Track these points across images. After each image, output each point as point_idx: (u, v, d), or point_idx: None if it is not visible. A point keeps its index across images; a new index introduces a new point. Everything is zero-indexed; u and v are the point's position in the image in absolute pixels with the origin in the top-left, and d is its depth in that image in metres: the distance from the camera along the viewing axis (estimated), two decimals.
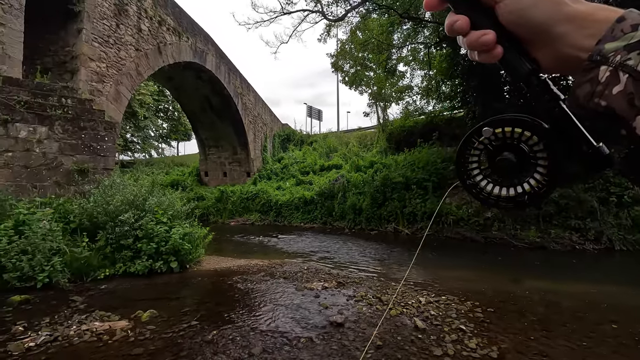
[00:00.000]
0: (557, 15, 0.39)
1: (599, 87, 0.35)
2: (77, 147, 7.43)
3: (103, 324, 3.95)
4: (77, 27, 9.03)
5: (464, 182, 0.52)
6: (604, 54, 0.35)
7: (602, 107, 0.35)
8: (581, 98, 0.37)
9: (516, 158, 0.46)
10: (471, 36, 0.44)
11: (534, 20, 0.40)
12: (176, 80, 16.03)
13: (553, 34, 0.40)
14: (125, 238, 6.17)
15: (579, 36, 0.38)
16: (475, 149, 0.50)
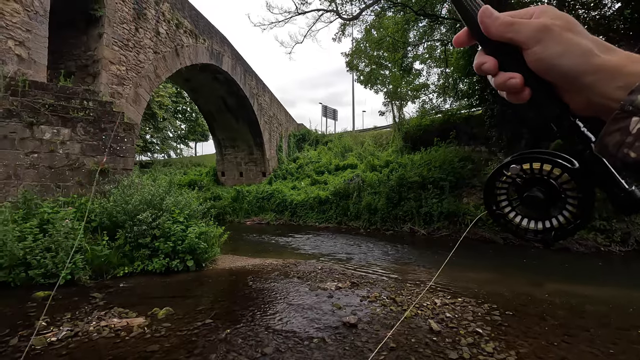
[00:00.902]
0: (586, 66, 0.38)
1: (629, 137, 0.35)
2: (98, 148, 7.65)
3: (121, 321, 4.05)
4: (99, 31, 9.31)
5: (492, 211, 0.52)
6: (636, 105, 0.34)
7: (632, 158, 0.35)
8: (610, 146, 0.37)
9: (545, 194, 0.46)
10: (499, 78, 0.44)
11: (562, 69, 0.40)
12: (193, 81, 16.31)
13: (583, 83, 0.39)
14: (143, 237, 6.32)
15: (609, 87, 0.37)
16: (504, 182, 0.50)
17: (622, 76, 0.37)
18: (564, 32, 0.40)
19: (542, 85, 0.43)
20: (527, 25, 0.41)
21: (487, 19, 0.43)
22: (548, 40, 0.40)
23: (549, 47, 0.40)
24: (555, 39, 0.40)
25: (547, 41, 0.40)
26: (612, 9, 10.96)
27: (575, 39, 0.39)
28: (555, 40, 0.40)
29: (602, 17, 10.97)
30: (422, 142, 16.17)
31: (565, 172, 0.44)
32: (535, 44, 0.41)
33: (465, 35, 0.47)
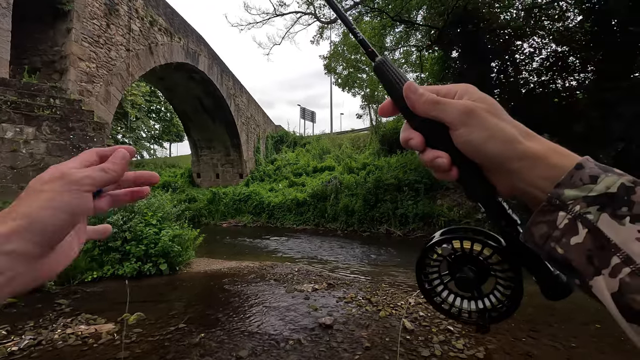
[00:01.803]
0: (510, 152, 0.38)
1: (556, 232, 0.35)
2: (65, 148, 7.33)
3: (89, 327, 3.90)
4: (67, 26, 8.93)
5: (425, 290, 0.50)
6: (563, 200, 0.35)
7: (559, 254, 0.34)
8: (537, 237, 0.37)
9: (476, 273, 0.46)
10: (426, 155, 0.44)
11: (487, 154, 0.40)
12: (168, 81, 15.93)
13: (508, 168, 0.39)
14: (114, 240, 6.10)
15: (533, 175, 0.38)
16: (435, 260, 0.49)
17: (546, 167, 0.37)
18: (488, 117, 0.40)
19: (469, 165, 0.42)
20: (453, 106, 0.41)
21: (412, 95, 0.43)
22: (473, 124, 0.40)
23: (474, 131, 0.40)
24: (480, 123, 0.40)
25: (473, 125, 0.40)
26: (575, 21, 11.63)
27: (499, 124, 0.40)
28: (480, 124, 0.40)
29: (566, 29, 11.61)
30: (399, 145, 16.37)
31: (495, 253, 0.44)
32: (461, 126, 0.40)
33: (389, 106, 0.47)
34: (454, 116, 0.41)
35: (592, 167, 0.35)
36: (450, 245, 0.47)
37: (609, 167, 0.36)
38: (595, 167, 0.35)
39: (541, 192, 0.37)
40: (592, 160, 0.37)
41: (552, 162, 0.37)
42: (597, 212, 0.33)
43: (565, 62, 11.63)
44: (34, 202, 0.37)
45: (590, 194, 0.34)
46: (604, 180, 0.34)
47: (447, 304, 0.49)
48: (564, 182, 0.35)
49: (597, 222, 0.32)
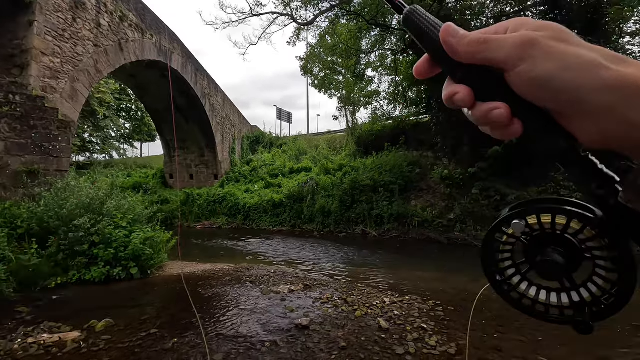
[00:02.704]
0: (594, 82, 0.29)
1: None
2: (27, 147, 6.93)
3: (52, 336, 3.70)
4: (29, 19, 8.44)
5: (496, 283, 0.40)
6: None
7: None
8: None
9: (565, 256, 0.36)
10: (478, 110, 0.35)
11: (560, 89, 0.31)
12: (139, 78, 15.38)
13: (593, 105, 0.30)
14: (80, 244, 5.83)
15: (630, 110, 0.28)
16: (506, 243, 0.39)
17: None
18: (555, 44, 0.31)
19: (536, 114, 0.33)
20: (505, 41, 0.33)
21: (451, 39, 0.35)
22: (535, 55, 0.31)
23: (538, 64, 0.31)
24: (545, 52, 0.31)
25: (535, 57, 0.31)
26: None
27: (571, 49, 0.31)
28: (545, 54, 0.31)
29: None
30: (374, 147, 16.75)
31: (587, 226, 0.34)
32: (519, 62, 0.32)
33: (426, 63, 0.39)
34: (508, 53, 0.33)
35: None
36: (524, 222, 0.37)
37: None
38: None
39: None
40: None
41: None
42: None
43: None
44: None
45: None
46: None
47: (528, 299, 0.39)
48: None
49: None
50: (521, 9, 12.64)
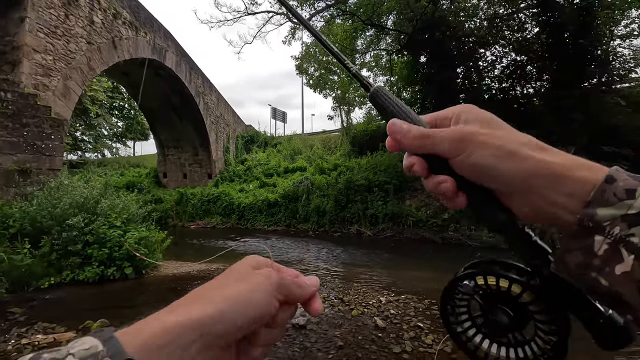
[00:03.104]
0: (521, 170, 0.34)
1: (595, 260, 0.30)
2: (18, 146, 6.83)
3: (47, 337, 3.66)
4: (20, 15, 8.31)
5: (455, 334, 0.43)
6: (597, 221, 0.30)
7: (604, 287, 0.29)
8: (573, 266, 0.31)
9: (511, 317, 0.39)
10: (430, 181, 0.40)
11: (493, 176, 0.35)
12: (133, 76, 15.24)
13: (522, 188, 0.34)
14: (74, 243, 5.76)
15: (555, 193, 0.33)
16: (461, 299, 0.42)
17: (569, 182, 0.32)
18: (485, 137, 0.36)
19: (478, 190, 0.37)
20: (442, 137, 0.38)
21: (397, 135, 0.41)
22: (470, 148, 0.36)
23: (472, 155, 0.36)
24: (477, 146, 0.36)
25: (469, 150, 0.36)
26: (532, 32, 12.41)
27: (499, 140, 0.36)
28: (477, 147, 0.36)
29: (524, 40, 12.37)
30: (369, 146, 16.81)
31: (526, 290, 0.37)
32: (457, 154, 0.37)
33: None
34: (445, 147, 0.38)
35: (625, 178, 0.31)
36: (473, 282, 0.40)
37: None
38: (630, 179, 0.31)
39: (569, 213, 0.32)
40: (623, 170, 0.32)
41: (575, 176, 0.32)
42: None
43: (524, 71, 12.38)
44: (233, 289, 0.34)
45: (629, 211, 0.29)
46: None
47: (482, 351, 0.41)
48: (595, 200, 0.30)
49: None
50: (514, 11, 12.79)
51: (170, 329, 0.29)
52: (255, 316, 0.33)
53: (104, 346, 0.26)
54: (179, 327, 0.29)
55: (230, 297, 0.33)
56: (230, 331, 0.31)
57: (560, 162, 0.33)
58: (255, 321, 0.34)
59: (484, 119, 0.38)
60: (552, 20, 11.18)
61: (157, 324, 0.29)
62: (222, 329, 0.31)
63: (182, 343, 0.29)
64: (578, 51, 10.52)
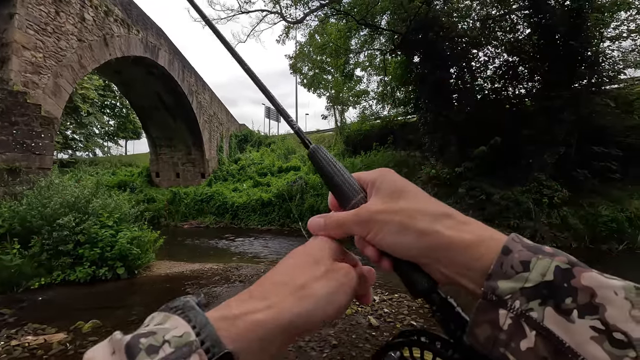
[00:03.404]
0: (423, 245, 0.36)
1: (501, 334, 0.29)
2: (7, 144, 6.72)
3: (37, 338, 3.62)
4: (9, 11, 8.17)
5: None
6: (499, 294, 0.30)
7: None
8: (482, 340, 0.31)
9: None
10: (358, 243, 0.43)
11: (402, 250, 0.37)
12: (125, 75, 15.08)
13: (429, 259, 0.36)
14: (65, 243, 5.69)
15: (457, 266, 0.34)
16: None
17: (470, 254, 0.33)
18: (385, 214, 0.38)
19: (397, 259, 0.39)
20: (351, 222, 0.41)
21: (319, 231, 0.44)
22: (375, 227, 0.39)
23: (377, 233, 0.38)
24: (380, 223, 0.38)
25: (375, 228, 0.39)
26: (524, 33, 12.55)
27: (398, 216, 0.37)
28: (380, 224, 0.38)
29: (516, 40, 12.50)
30: (363, 146, 16.87)
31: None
32: (365, 233, 0.40)
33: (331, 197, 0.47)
34: (356, 230, 0.41)
35: (520, 249, 0.31)
36: (399, 354, 0.39)
37: (538, 246, 0.32)
38: (524, 250, 0.31)
39: (474, 284, 0.33)
40: (520, 239, 0.33)
41: (477, 249, 0.33)
42: (540, 308, 0.28)
43: (516, 71, 12.51)
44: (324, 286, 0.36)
45: (526, 284, 0.29)
46: (536, 266, 0.30)
47: None
48: (495, 273, 0.31)
49: (543, 320, 0.28)
50: (506, 13, 12.91)
51: (263, 324, 0.30)
52: (335, 314, 0.36)
53: (200, 333, 0.27)
54: (272, 323, 0.31)
55: (316, 296, 0.34)
56: (311, 327, 0.34)
57: (458, 236, 0.34)
58: (333, 318, 0.36)
59: (394, 189, 0.40)
60: (543, 22, 11.30)
61: (250, 318, 0.31)
62: (306, 325, 0.33)
63: (271, 338, 0.31)
64: (569, 52, 10.66)
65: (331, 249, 0.41)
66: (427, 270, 0.37)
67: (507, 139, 10.82)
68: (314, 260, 0.38)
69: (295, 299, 0.33)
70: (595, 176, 10.29)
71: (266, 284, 0.36)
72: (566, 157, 10.47)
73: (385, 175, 0.42)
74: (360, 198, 0.43)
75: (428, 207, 0.38)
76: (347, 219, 0.41)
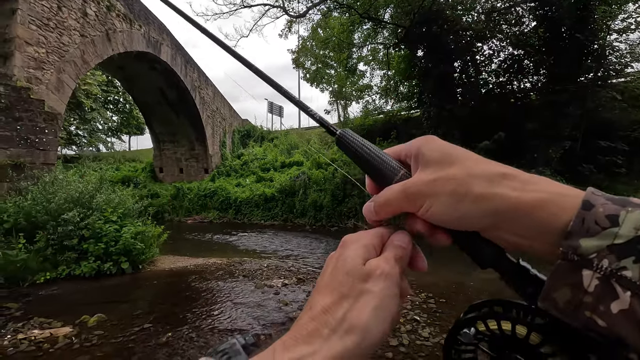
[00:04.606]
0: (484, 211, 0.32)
1: (586, 297, 0.27)
2: (12, 140, 6.75)
3: (43, 332, 3.65)
4: (11, 7, 8.16)
5: None
6: (581, 253, 0.27)
7: (602, 327, 0.26)
8: (561, 304, 0.28)
9: None
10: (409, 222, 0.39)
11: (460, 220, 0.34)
12: (128, 70, 15.07)
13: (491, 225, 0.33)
14: (69, 238, 5.74)
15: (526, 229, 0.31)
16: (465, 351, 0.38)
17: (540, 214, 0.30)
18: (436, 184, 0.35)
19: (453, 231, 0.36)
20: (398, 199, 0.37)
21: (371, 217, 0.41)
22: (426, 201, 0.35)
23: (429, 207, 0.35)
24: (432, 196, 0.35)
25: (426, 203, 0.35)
26: (529, 26, 12.38)
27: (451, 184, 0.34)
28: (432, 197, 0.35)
29: (522, 34, 12.34)
30: None
31: (532, 331, 0.32)
32: (416, 209, 0.36)
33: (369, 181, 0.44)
34: (406, 207, 0.37)
35: (603, 202, 0.28)
36: (474, 330, 0.36)
37: (624, 198, 0.28)
38: (609, 203, 0.28)
39: (548, 247, 0.30)
40: (599, 192, 0.29)
41: (547, 209, 0.30)
42: (635, 266, 0.25)
43: (521, 65, 12.37)
44: (364, 308, 0.32)
45: (616, 241, 0.26)
46: (627, 219, 0.26)
47: None
48: (575, 231, 0.28)
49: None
50: (511, 5, 12.74)
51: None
52: (389, 327, 0.33)
53: None
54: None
55: (360, 326, 0.31)
56: (367, 352, 0.31)
57: (533, 195, 0.31)
58: (390, 329, 0.33)
59: (441, 156, 0.36)
60: (549, 15, 11.15)
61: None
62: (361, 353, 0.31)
63: None
64: (575, 45, 10.52)
65: (364, 247, 0.37)
66: (489, 236, 0.34)
67: (512, 133, 10.73)
68: (345, 272, 0.35)
69: (338, 338, 0.30)
70: (600, 171, 10.18)
71: (304, 318, 0.33)
72: (571, 152, 10.36)
73: (429, 142, 0.38)
74: (402, 175, 0.39)
75: (484, 170, 0.34)
76: (393, 195, 0.38)
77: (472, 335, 0.36)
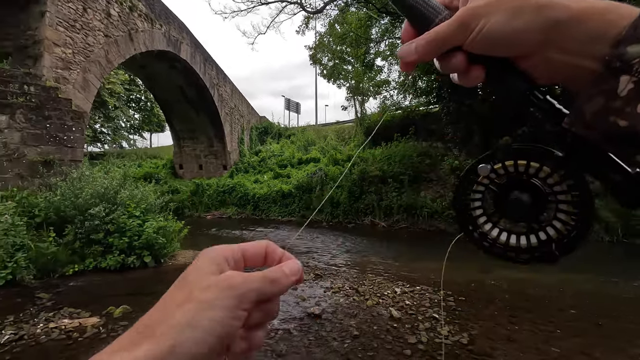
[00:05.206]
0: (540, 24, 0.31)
1: (617, 102, 0.27)
2: (42, 138, 7.05)
3: (72, 321, 3.82)
4: (40, 9, 8.49)
5: (469, 233, 0.41)
6: (626, 59, 0.27)
7: (622, 127, 0.27)
8: (589, 115, 0.29)
9: (530, 197, 0.37)
10: (442, 60, 0.38)
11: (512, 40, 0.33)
12: (149, 69, 15.44)
13: (542, 42, 0.32)
14: (96, 232, 5.96)
15: (578, 41, 0.30)
16: (476, 191, 0.40)
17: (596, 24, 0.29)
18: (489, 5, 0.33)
19: (492, 60, 0.35)
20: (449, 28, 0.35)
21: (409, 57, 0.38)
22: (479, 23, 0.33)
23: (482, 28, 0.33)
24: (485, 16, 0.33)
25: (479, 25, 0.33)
26: None
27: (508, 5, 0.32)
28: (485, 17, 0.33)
29: None
30: (383, 137, 16.61)
31: (544, 165, 0.35)
32: (466, 36, 0.34)
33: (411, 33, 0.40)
34: (457, 36, 0.35)
35: None
36: (490, 166, 0.38)
37: None
38: None
39: (595, 60, 0.29)
40: None
41: (603, 17, 0.29)
42: None
43: None
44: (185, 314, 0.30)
45: None
46: None
47: (499, 245, 0.39)
48: (626, 38, 0.27)
49: None
50: None
51: None
52: (215, 340, 0.29)
53: None
54: None
55: (179, 326, 0.29)
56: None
57: (584, 5, 0.30)
58: (218, 343, 0.30)
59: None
60: None
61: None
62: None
63: None
64: None
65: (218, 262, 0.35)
66: (528, 65, 0.34)
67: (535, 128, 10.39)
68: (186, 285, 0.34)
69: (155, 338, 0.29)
70: None
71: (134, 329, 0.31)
72: None
73: None
74: (445, 15, 0.37)
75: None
76: (444, 26, 0.35)
77: (488, 169, 0.38)
